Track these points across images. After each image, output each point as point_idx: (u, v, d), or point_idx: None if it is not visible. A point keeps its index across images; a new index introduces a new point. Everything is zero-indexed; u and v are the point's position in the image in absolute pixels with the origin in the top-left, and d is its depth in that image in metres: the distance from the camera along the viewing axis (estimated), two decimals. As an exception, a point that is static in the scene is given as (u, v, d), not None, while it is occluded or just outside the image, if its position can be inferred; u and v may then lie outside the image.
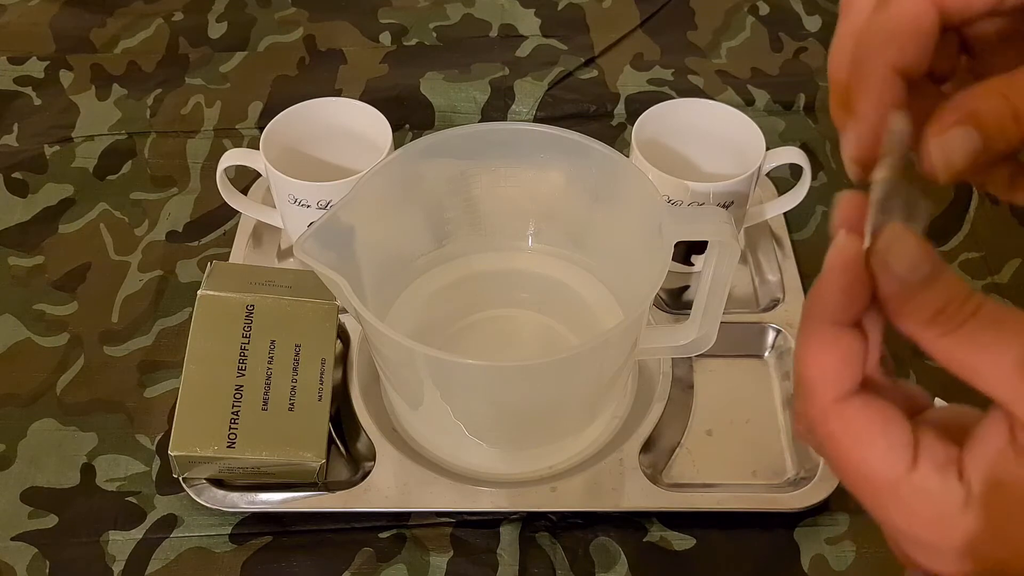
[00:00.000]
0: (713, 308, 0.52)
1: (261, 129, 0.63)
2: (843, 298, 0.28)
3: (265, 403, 0.53)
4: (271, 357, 0.54)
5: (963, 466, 0.27)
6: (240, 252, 0.65)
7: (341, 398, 0.57)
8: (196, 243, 0.68)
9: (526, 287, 0.60)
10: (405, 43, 0.83)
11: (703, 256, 0.60)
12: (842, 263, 0.28)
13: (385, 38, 0.83)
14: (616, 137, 0.75)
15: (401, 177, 0.53)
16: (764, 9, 0.86)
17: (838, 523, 0.54)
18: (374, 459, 0.55)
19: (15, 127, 0.76)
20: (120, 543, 0.54)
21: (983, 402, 0.27)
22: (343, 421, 0.57)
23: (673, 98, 0.71)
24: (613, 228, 0.56)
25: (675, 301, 0.64)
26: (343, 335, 0.59)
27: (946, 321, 0.26)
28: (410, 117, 0.76)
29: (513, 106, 0.77)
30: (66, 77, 0.80)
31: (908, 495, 0.27)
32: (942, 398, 0.35)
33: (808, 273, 0.64)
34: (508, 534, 0.53)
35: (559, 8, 0.86)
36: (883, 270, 0.27)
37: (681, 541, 0.54)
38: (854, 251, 0.28)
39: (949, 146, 0.29)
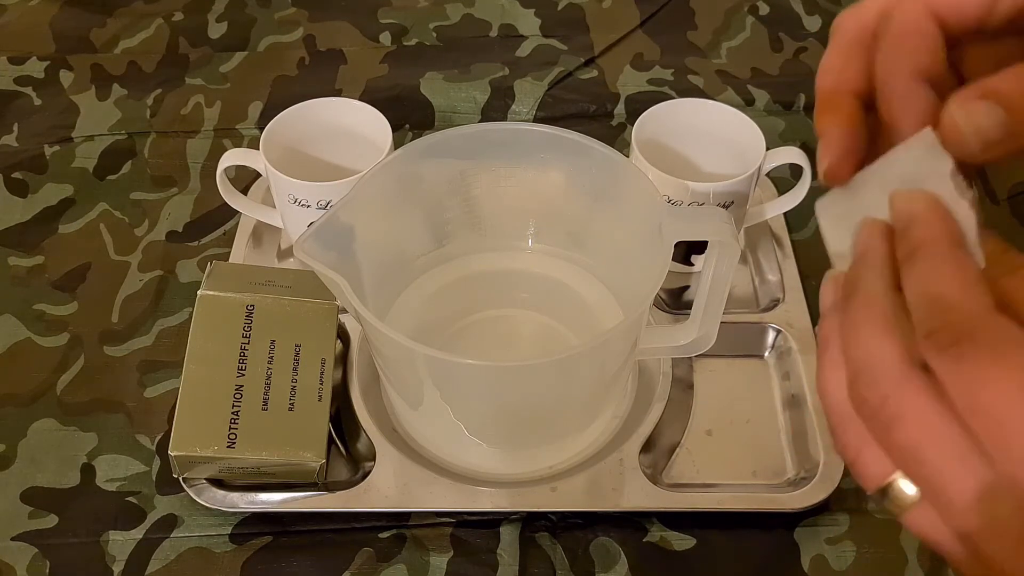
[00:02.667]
0: (713, 308, 0.52)
1: (261, 129, 0.63)
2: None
3: (265, 403, 0.53)
4: (271, 357, 0.54)
5: None
6: (240, 252, 0.65)
7: (341, 398, 0.57)
8: (196, 243, 0.68)
9: (526, 287, 0.60)
10: (405, 43, 0.83)
11: (703, 256, 0.60)
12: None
13: (385, 38, 0.83)
14: (616, 137, 0.75)
15: (401, 177, 0.53)
16: (764, 9, 0.86)
17: (838, 523, 0.54)
18: (374, 459, 0.55)
19: (15, 127, 0.76)
20: (120, 543, 0.54)
21: None
22: (343, 421, 0.57)
23: (673, 98, 0.71)
24: (613, 228, 0.56)
25: (675, 301, 0.64)
26: (343, 335, 0.59)
27: None
28: (410, 117, 0.76)
29: (513, 106, 0.77)
30: (66, 77, 0.80)
31: None
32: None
33: (808, 273, 0.64)
34: (508, 534, 0.53)
35: (559, 8, 0.86)
36: None
37: (681, 541, 0.54)
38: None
39: (976, 115, 0.29)
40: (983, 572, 0.28)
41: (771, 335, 0.61)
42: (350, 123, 0.63)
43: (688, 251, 0.63)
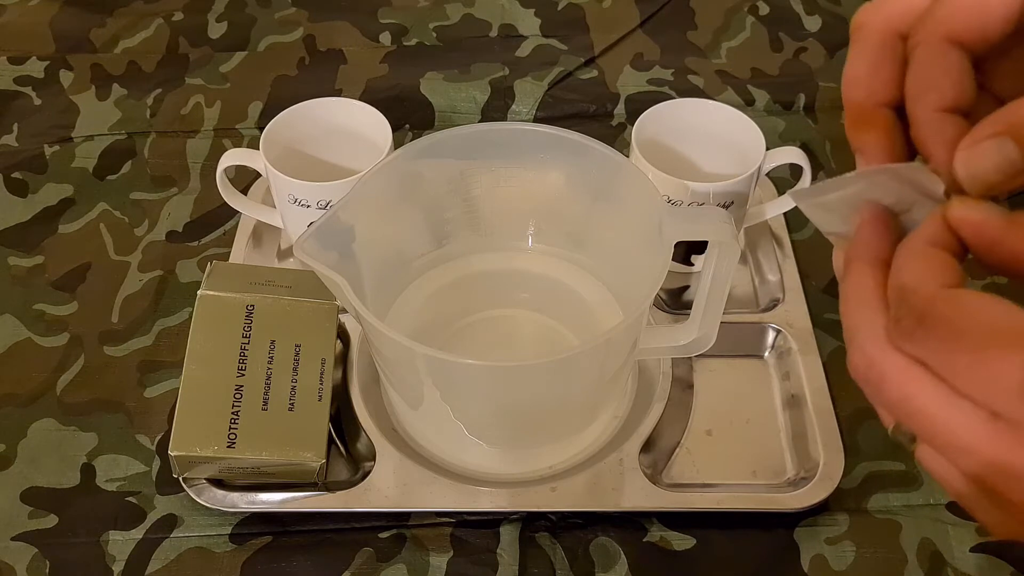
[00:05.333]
0: (713, 308, 0.52)
1: (261, 129, 0.63)
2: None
3: (265, 403, 0.53)
4: (271, 357, 0.54)
5: None
6: (240, 252, 0.65)
7: (341, 398, 0.57)
8: (196, 243, 0.68)
9: (526, 287, 0.60)
10: (405, 43, 0.83)
11: (703, 256, 0.60)
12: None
13: (385, 38, 0.83)
14: (616, 137, 0.75)
15: (401, 177, 0.53)
16: (764, 9, 0.86)
17: (838, 523, 0.54)
18: (374, 459, 0.55)
19: (15, 127, 0.76)
20: (120, 543, 0.54)
21: None
22: (343, 421, 0.57)
23: (673, 98, 0.71)
24: (613, 228, 0.56)
25: (675, 301, 0.64)
26: (343, 335, 0.59)
27: None
28: (410, 117, 0.76)
29: (513, 106, 0.77)
30: (66, 77, 0.80)
31: None
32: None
33: (808, 273, 0.64)
34: (508, 534, 0.53)
35: (559, 8, 0.86)
36: (973, 224, 0.29)
37: (681, 541, 0.54)
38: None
39: (974, 160, 0.30)
40: (990, 507, 0.29)
41: (771, 335, 0.61)
42: (350, 123, 0.63)
43: (688, 251, 0.63)
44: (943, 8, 0.32)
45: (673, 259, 0.59)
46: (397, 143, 0.59)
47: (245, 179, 0.70)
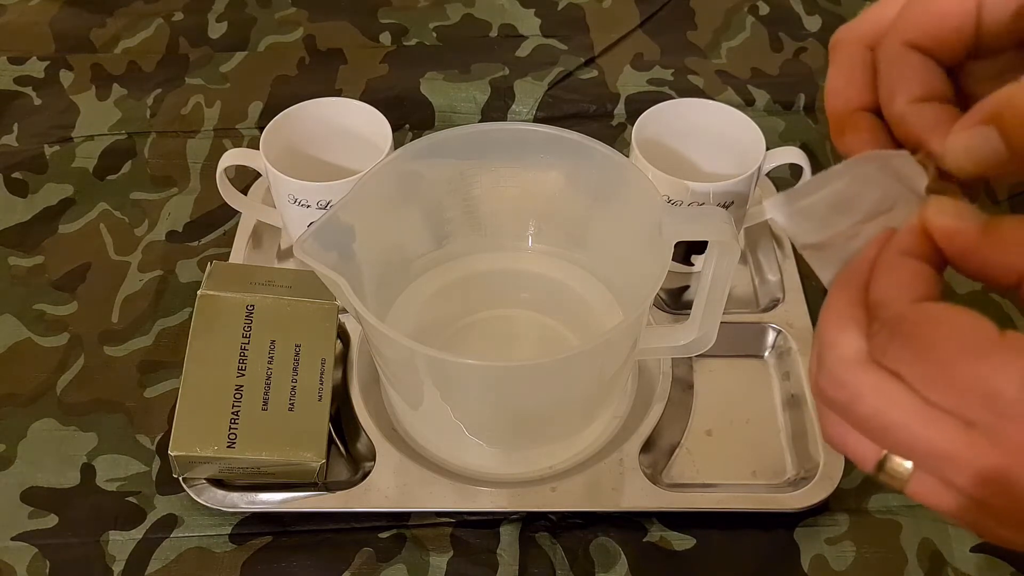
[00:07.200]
0: (713, 308, 0.52)
1: (261, 129, 0.63)
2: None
3: (265, 403, 0.53)
4: (271, 357, 0.54)
5: None
6: (240, 252, 0.65)
7: (341, 398, 0.57)
8: (196, 243, 0.68)
9: (526, 287, 0.60)
10: (405, 43, 0.83)
11: (703, 256, 0.60)
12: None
13: (385, 38, 0.83)
14: (616, 137, 0.75)
15: (401, 177, 0.53)
16: (764, 9, 0.86)
17: (838, 523, 0.54)
18: (374, 459, 0.55)
19: (15, 127, 0.76)
20: (120, 543, 0.54)
21: None
22: (343, 421, 0.57)
23: (673, 98, 0.71)
24: (613, 228, 0.56)
25: (675, 301, 0.64)
26: (343, 335, 0.59)
27: None
28: (410, 117, 0.76)
29: (513, 106, 0.77)
30: (66, 77, 0.80)
31: (1004, 350, 0.27)
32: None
33: (808, 273, 0.64)
34: (508, 534, 0.53)
35: (559, 8, 0.86)
36: (946, 232, 0.30)
37: (681, 541, 0.54)
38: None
39: (970, 143, 0.30)
40: (993, 525, 0.29)
41: (771, 335, 0.61)
42: (350, 123, 0.63)
43: (688, 251, 0.63)
44: (902, 18, 0.33)
45: (673, 259, 0.59)
46: (397, 143, 0.59)
47: (245, 179, 0.70)
